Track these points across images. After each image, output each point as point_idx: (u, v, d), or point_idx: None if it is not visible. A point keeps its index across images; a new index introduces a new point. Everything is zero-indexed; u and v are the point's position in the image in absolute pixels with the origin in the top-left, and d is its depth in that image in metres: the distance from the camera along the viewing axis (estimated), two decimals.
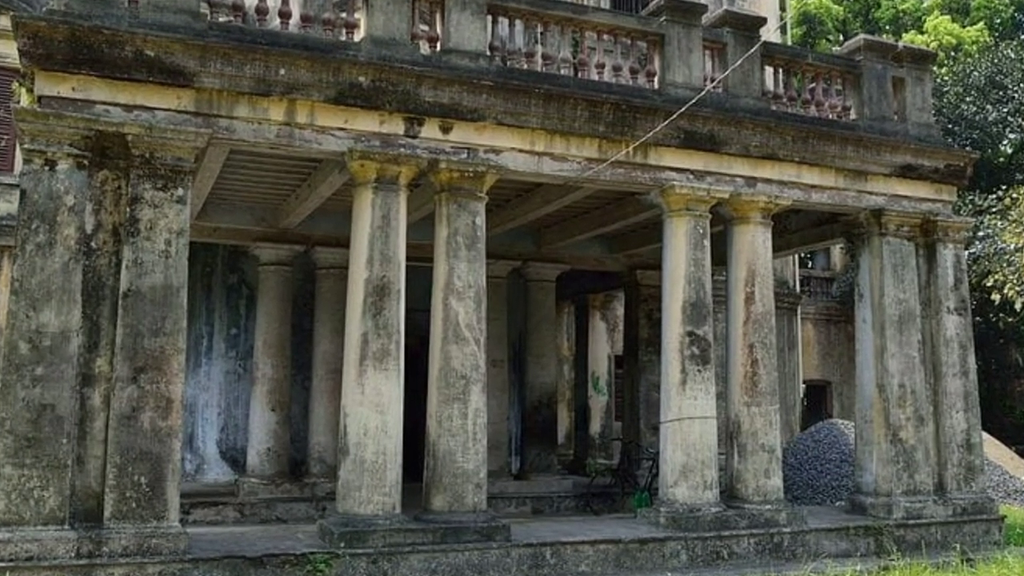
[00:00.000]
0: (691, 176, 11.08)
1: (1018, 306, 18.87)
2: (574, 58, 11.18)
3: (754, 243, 11.47)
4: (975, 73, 26.37)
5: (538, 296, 16.23)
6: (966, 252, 13.28)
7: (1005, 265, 19.46)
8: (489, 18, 10.45)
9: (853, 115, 12.45)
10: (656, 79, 11.31)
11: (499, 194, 12.14)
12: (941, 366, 12.29)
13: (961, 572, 10.19)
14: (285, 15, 9.71)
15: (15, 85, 12.68)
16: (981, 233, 20.58)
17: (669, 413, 10.90)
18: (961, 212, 20.31)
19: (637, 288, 16.25)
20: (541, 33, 10.95)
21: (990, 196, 21.85)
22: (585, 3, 13.67)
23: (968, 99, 25.80)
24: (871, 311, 12.20)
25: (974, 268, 19.92)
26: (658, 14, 11.36)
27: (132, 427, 8.32)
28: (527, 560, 9.66)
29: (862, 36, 12.91)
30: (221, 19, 9.43)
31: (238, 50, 8.95)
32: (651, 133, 10.58)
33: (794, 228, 14.08)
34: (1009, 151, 26.68)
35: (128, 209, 8.59)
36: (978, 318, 21.76)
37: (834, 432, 16.69)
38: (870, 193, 12.18)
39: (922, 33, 32.36)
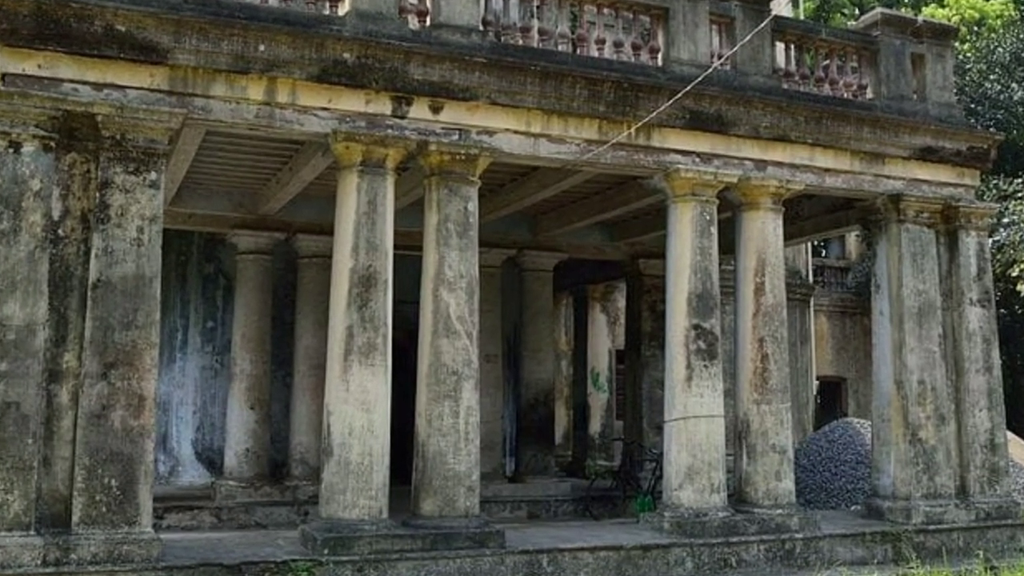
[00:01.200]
0: (697, 159, 11.10)
1: None
2: (572, 33, 11.18)
3: (764, 230, 11.49)
4: (999, 49, 26.36)
5: (534, 287, 16.25)
6: (990, 240, 13.31)
7: None
8: None
9: (870, 94, 12.47)
10: (660, 56, 11.31)
11: (493, 178, 12.15)
12: (963, 361, 12.35)
13: None
14: None
15: None
16: (1006, 220, 20.62)
17: (674, 411, 10.94)
18: (984, 197, 20.35)
19: (640, 278, 16.28)
20: (537, 7, 10.94)
21: (1015, 180, 21.89)
22: None
23: (992, 77, 25.79)
24: (889, 303, 12.24)
25: (998, 257, 19.97)
26: None
27: (102, 426, 8.33)
28: (522, 568, 9.69)
29: (879, 10, 12.91)
30: None
31: (215, 25, 8.93)
32: (654, 113, 10.59)
33: (807, 214, 14.11)
34: None
35: (98, 194, 8.60)
36: (1002, 310, 21.77)
37: (849, 432, 16.72)
38: (888, 177, 12.21)
39: (943, 7, 32.31)
